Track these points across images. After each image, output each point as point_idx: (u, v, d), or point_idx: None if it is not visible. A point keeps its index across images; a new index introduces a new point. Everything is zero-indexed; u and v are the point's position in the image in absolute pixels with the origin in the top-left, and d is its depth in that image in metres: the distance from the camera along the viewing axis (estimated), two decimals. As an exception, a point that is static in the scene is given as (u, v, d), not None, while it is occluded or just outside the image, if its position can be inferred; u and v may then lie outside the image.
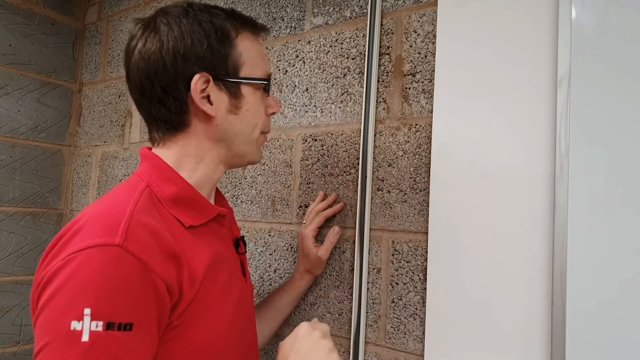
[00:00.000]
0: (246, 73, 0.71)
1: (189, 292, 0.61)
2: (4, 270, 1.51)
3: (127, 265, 0.55)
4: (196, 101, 0.67)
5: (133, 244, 0.56)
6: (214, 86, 0.68)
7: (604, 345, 0.70)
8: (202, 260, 0.65)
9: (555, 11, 0.77)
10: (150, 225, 0.60)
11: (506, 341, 0.77)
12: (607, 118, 0.72)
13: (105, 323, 0.52)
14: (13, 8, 1.54)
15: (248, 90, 0.71)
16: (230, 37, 0.70)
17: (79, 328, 0.51)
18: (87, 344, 0.51)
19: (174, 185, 0.68)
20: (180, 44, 0.67)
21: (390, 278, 0.94)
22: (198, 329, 0.63)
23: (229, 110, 0.70)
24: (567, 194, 0.73)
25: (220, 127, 0.71)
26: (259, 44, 0.75)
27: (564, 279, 0.72)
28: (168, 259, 0.59)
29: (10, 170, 1.53)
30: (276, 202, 1.12)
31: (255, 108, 0.73)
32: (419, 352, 0.88)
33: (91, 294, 0.53)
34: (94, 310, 0.52)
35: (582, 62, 0.74)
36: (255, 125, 0.73)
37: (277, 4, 1.18)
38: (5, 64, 1.52)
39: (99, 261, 0.54)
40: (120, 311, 0.54)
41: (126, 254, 0.55)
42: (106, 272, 0.54)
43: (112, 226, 0.57)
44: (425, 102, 0.93)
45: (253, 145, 0.75)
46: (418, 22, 0.95)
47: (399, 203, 0.94)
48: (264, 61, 0.75)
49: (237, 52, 0.70)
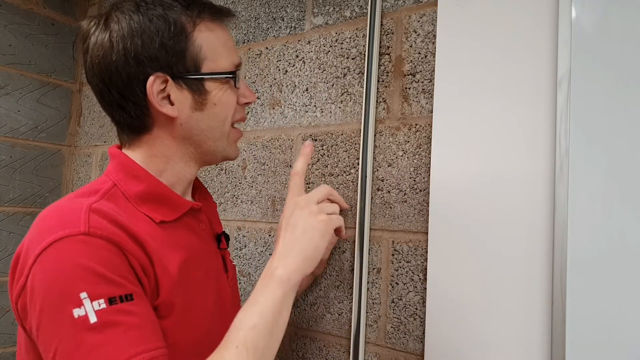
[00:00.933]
0: (209, 67, 0.66)
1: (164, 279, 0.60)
2: (4, 270, 1.51)
3: (101, 246, 0.55)
4: (154, 104, 0.64)
5: (99, 229, 0.55)
6: (173, 85, 0.65)
7: (604, 345, 0.70)
8: (174, 258, 0.63)
9: (555, 11, 0.77)
10: (109, 214, 0.58)
11: (506, 341, 0.77)
12: (607, 118, 0.72)
13: (107, 299, 0.52)
14: (13, 8, 1.54)
15: (213, 85, 0.67)
16: (186, 31, 0.65)
17: (83, 313, 0.51)
18: (97, 323, 0.51)
19: (142, 183, 0.66)
20: (130, 45, 0.63)
21: (390, 278, 0.94)
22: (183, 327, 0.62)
23: (194, 107, 0.67)
24: (567, 194, 0.73)
25: (185, 125, 0.67)
26: (223, 32, 0.69)
27: (564, 279, 0.72)
28: (134, 242, 0.58)
29: (10, 170, 1.53)
30: (276, 202, 1.12)
31: (224, 102, 0.69)
32: (419, 352, 0.88)
33: (80, 279, 0.52)
34: (90, 291, 0.52)
35: (582, 62, 0.74)
36: (224, 119, 0.69)
37: (277, 4, 1.18)
38: (5, 64, 1.52)
39: (72, 249, 0.54)
40: (115, 286, 0.54)
41: (95, 239, 0.55)
42: (85, 256, 0.54)
43: (71, 220, 0.56)
44: (425, 102, 0.93)
45: (224, 141, 0.71)
46: (418, 22, 0.95)
47: (399, 203, 0.94)
48: (230, 51, 0.69)
49: (195, 47, 0.65)
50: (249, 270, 1.15)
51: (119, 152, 0.69)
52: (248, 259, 1.16)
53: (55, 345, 0.51)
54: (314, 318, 1.03)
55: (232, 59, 0.69)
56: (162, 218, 0.65)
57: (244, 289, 1.16)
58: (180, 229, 0.68)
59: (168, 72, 0.64)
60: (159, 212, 0.66)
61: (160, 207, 0.66)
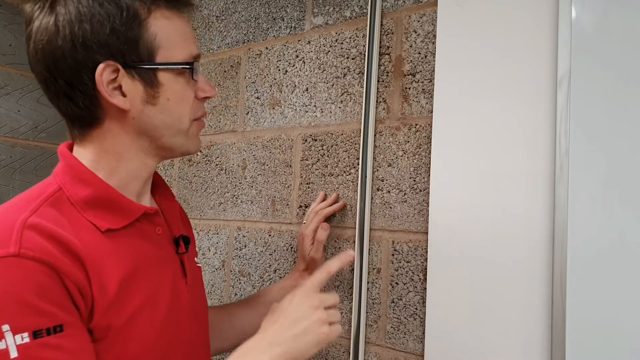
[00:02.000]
0: (163, 57, 0.61)
1: (100, 300, 0.56)
2: (4, 270, 1.51)
3: (32, 270, 0.51)
4: (103, 94, 0.59)
5: (31, 250, 0.52)
6: (125, 75, 0.60)
7: (604, 345, 0.70)
8: (118, 268, 0.59)
9: (555, 11, 0.77)
10: (47, 229, 0.54)
11: (506, 341, 0.77)
12: (607, 118, 0.72)
13: (31, 333, 0.49)
14: (13, 8, 1.54)
15: (167, 76, 0.62)
16: (139, 17, 0.60)
17: (4, 347, 0.48)
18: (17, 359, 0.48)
19: (89, 187, 0.61)
20: (78, 30, 0.57)
21: (390, 278, 0.94)
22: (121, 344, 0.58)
23: (145, 100, 0.62)
24: (567, 194, 0.73)
25: (138, 119, 0.62)
26: (181, 21, 0.64)
27: (564, 279, 0.72)
28: (71, 260, 0.54)
29: (10, 170, 1.53)
30: (276, 202, 1.12)
31: (179, 96, 0.64)
32: (419, 352, 0.88)
33: (3, 310, 0.49)
34: (13, 324, 0.49)
35: (582, 62, 0.74)
36: (180, 116, 0.64)
37: (277, 4, 1.18)
38: (5, 64, 1.52)
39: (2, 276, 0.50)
40: (42, 317, 0.50)
41: (27, 261, 0.51)
42: (11, 283, 0.50)
43: (3, 238, 0.52)
44: (425, 102, 0.93)
45: (182, 137, 0.66)
46: (418, 22, 0.95)
47: (399, 203, 0.94)
48: (187, 41, 0.64)
49: (150, 34, 0.60)
50: (249, 270, 1.16)
51: (66, 152, 0.65)
52: (248, 259, 1.16)
53: None
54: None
55: (190, 50, 0.64)
56: (109, 226, 0.60)
57: (243, 288, 1.16)
58: (130, 237, 0.63)
59: (120, 61, 0.59)
60: (106, 220, 0.61)
61: (108, 213, 0.61)
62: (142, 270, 0.62)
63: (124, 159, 0.64)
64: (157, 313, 0.63)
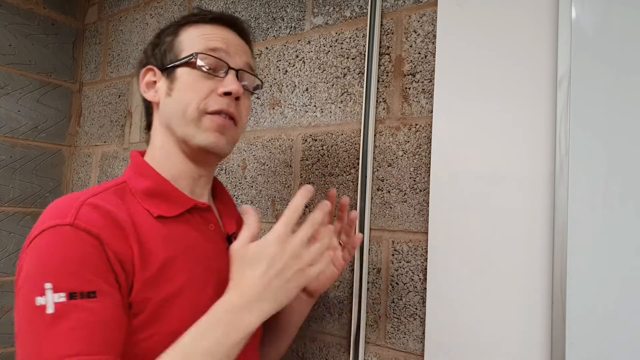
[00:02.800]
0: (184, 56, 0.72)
1: (142, 270, 0.61)
2: (4, 270, 1.51)
3: (80, 240, 0.58)
4: (142, 91, 0.74)
5: (84, 222, 0.59)
6: (161, 76, 0.73)
7: (604, 345, 0.70)
8: (162, 252, 0.64)
9: (555, 11, 0.77)
10: (103, 207, 0.62)
11: (506, 341, 0.77)
12: (607, 118, 0.72)
13: (68, 294, 0.55)
14: (13, 8, 1.54)
15: (182, 71, 0.71)
16: (177, 30, 0.74)
17: (43, 302, 0.54)
18: (53, 315, 0.54)
19: (148, 179, 0.70)
20: (142, 54, 0.78)
21: (390, 278, 0.94)
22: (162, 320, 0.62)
23: (166, 93, 0.72)
24: (567, 194, 0.73)
25: (162, 111, 0.73)
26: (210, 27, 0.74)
27: (564, 279, 0.72)
28: (120, 236, 0.61)
29: (10, 170, 1.53)
30: (276, 202, 1.12)
31: (188, 86, 0.70)
32: (419, 352, 0.88)
33: (49, 270, 0.56)
34: (55, 284, 0.55)
35: (582, 62, 0.74)
36: (187, 104, 0.70)
37: (277, 4, 1.18)
38: (5, 64, 1.52)
39: (53, 239, 0.58)
40: (80, 281, 0.56)
41: (78, 231, 0.58)
42: (60, 248, 0.57)
43: (64, 210, 0.60)
44: (425, 102, 0.93)
45: (192, 127, 0.70)
46: (418, 22, 0.95)
47: (399, 203, 0.94)
48: (207, 40, 0.72)
49: (178, 41, 0.73)
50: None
51: (135, 154, 0.75)
52: (248, 259, 1.16)
53: (17, 325, 0.56)
54: (314, 318, 1.03)
55: (206, 44, 0.72)
56: (161, 213, 0.67)
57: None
58: (181, 225, 0.69)
59: (158, 65, 0.74)
60: (160, 208, 0.68)
61: (162, 202, 0.69)
62: (189, 256, 0.67)
63: (167, 153, 0.73)
64: (202, 296, 0.66)
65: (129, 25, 1.57)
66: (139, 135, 1.47)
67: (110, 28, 1.64)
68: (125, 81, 1.55)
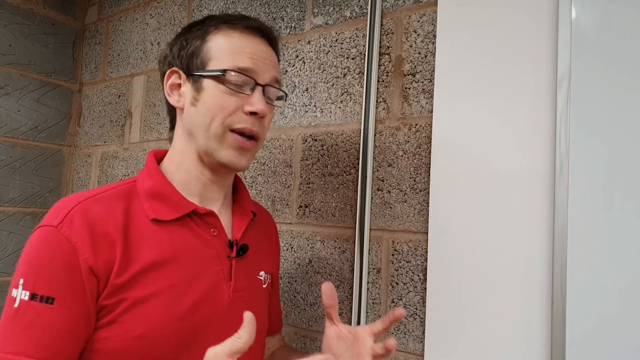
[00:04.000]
0: (212, 66, 0.71)
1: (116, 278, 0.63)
2: (4, 270, 1.51)
3: (56, 245, 0.61)
4: (166, 94, 0.74)
5: (67, 227, 0.62)
6: (186, 80, 0.73)
7: (604, 345, 0.70)
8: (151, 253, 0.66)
9: (555, 11, 0.77)
10: (93, 212, 0.64)
11: (506, 341, 0.77)
12: (607, 118, 0.72)
13: (30, 293, 0.59)
14: (13, 8, 1.54)
15: (209, 82, 0.70)
16: (206, 34, 0.72)
17: (14, 295, 0.60)
18: (15, 310, 0.59)
19: (151, 181, 0.72)
20: (167, 49, 0.76)
21: (390, 278, 0.94)
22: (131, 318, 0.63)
23: (191, 102, 0.72)
24: (567, 194, 0.73)
25: (186, 119, 0.73)
26: (239, 38, 0.72)
27: (564, 279, 0.72)
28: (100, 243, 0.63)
29: (10, 170, 1.53)
30: (276, 202, 1.12)
31: (214, 100, 0.70)
32: (419, 352, 0.88)
33: (25, 267, 0.61)
34: (25, 281, 0.60)
35: (582, 62, 0.74)
36: (212, 118, 0.70)
37: (277, 4, 1.18)
38: (5, 64, 1.52)
39: (37, 239, 0.63)
40: (44, 285, 0.60)
41: (58, 234, 0.61)
42: (39, 249, 0.62)
43: (59, 210, 0.64)
44: (425, 102, 0.93)
45: (214, 142, 0.70)
46: (418, 22, 0.95)
47: (399, 203, 0.94)
48: (237, 54, 0.71)
49: (206, 47, 0.72)
50: (249, 270, 1.15)
51: (150, 154, 0.77)
52: (248, 259, 1.16)
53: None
54: (314, 318, 1.03)
55: (236, 62, 0.70)
56: (156, 216, 0.68)
57: (244, 289, 1.16)
58: (179, 229, 0.70)
59: (184, 68, 0.73)
60: (157, 211, 0.69)
61: (162, 205, 0.70)
62: (178, 261, 0.68)
63: (184, 157, 0.74)
64: (180, 303, 0.67)
65: (129, 25, 1.57)
66: (139, 135, 1.47)
67: (110, 28, 1.64)
68: (125, 81, 1.55)
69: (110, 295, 0.63)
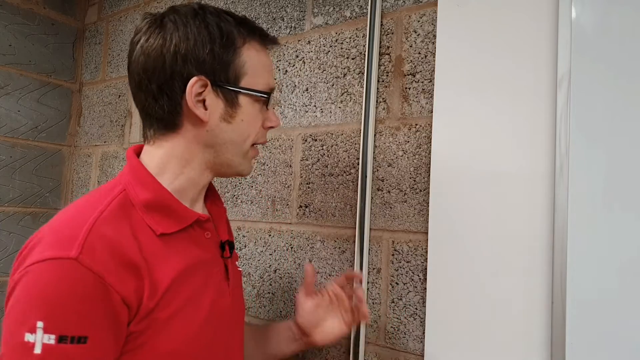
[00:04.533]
0: (247, 83, 0.69)
1: (148, 302, 0.60)
2: (4, 270, 1.51)
3: (81, 279, 0.55)
4: (189, 104, 0.66)
5: (89, 257, 0.56)
6: (211, 91, 0.67)
7: (604, 345, 0.70)
8: (169, 270, 0.64)
9: (555, 11, 0.77)
10: (110, 237, 0.59)
11: (506, 341, 0.77)
12: (607, 118, 0.72)
13: (58, 336, 0.53)
14: (13, 8, 1.54)
15: (246, 100, 0.69)
16: (235, 45, 0.68)
17: (32, 340, 0.52)
18: (39, 356, 0.52)
19: (149, 192, 0.67)
20: (182, 44, 0.66)
21: (390, 278, 0.94)
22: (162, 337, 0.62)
23: (223, 117, 0.68)
24: (567, 194, 0.73)
25: (211, 132, 0.69)
26: (266, 55, 0.73)
27: (564, 278, 0.72)
28: (126, 271, 0.59)
29: (10, 170, 1.53)
30: (276, 202, 1.12)
31: (251, 119, 0.70)
32: (419, 352, 0.88)
33: (44, 308, 0.54)
34: (47, 323, 0.53)
35: (582, 62, 0.74)
36: (247, 137, 0.71)
37: (277, 4, 1.18)
38: (5, 64, 1.52)
39: (54, 275, 0.55)
40: (73, 325, 0.54)
41: (81, 267, 0.55)
42: (59, 286, 0.54)
43: (70, 238, 0.57)
44: (425, 102, 0.93)
45: (241, 157, 0.72)
46: (418, 22, 0.95)
47: (399, 203, 0.94)
48: (268, 74, 0.73)
49: (240, 61, 0.68)
50: (249, 270, 1.16)
51: (133, 156, 0.71)
52: (248, 259, 1.16)
53: (2, 352, 0.53)
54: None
55: (269, 82, 0.72)
56: (163, 230, 0.65)
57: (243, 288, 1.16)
58: (181, 240, 0.68)
59: (210, 78, 0.66)
60: (161, 224, 0.66)
61: (164, 218, 0.66)
62: (190, 271, 0.67)
63: (189, 166, 0.70)
64: (200, 311, 0.67)
65: (129, 25, 1.57)
66: (139, 135, 1.47)
67: (110, 28, 1.64)
68: (125, 81, 1.55)
69: (141, 320, 0.60)
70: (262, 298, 1.12)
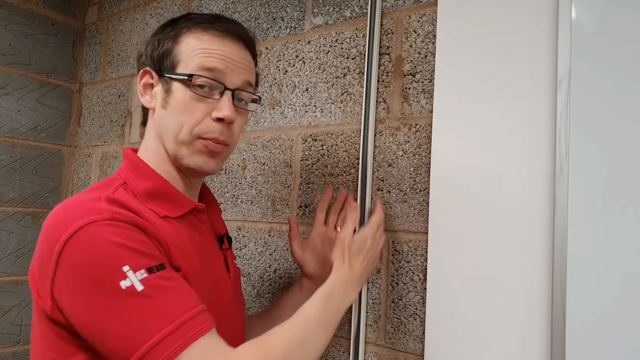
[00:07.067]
0: (182, 69, 0.69)
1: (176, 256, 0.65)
2: (4, 270, 1.51)
3: (127, 228, 0.60)
4: (139, 93, 0.73)
5: (122, 215, 0.61)
6: (158, 81, 0.71)
7: (604, 345, 0.70)
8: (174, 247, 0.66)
9: (555, 11, 0.77)
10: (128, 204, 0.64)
11: (506, 341, 0.77)
12: (607, 118, 0.72)
13: (146, 269, 0.58)
14: (13, 8, 1.54)
15: (178, 86, 0.69)
16: (178, 35, 0.71)
17: (129, 284, 0.56)
18: (144, 291, 0.56)
19: (150, 181, 0.70)
20: (142, 48, 0.75)
21: (390, 278, 0.94)
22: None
23: (162, 105, 0.71)
24: (567, 194, 0.73)
25: (157, 121, 0.72)
26: (210, 40, 0.70)
27: (564, 279, 0.72)
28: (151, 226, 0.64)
29: (10, 170, 1.53)
30: (276, 202, 1.12)
31: (182, 106, 0.69)
32: (419, 352, 0.88)
33: (118, 255, 0.57)
34: (131, 264, 0.57)
35: (582, 62, 0.74)
36: (181, 125, 0.69)
37: (277, 4, 1.18)
38: (5, 64, 1.52)
39: (102, 231, 0.58)
40: (149, 258, 0.59)
41: (120, 222, 0.60)
42: (116, 235, 0.58)
43: (92, 209, 0.60)
44: (425, 102, 0.93)
45: (184, 148, 0.70)
46: (418, 22, 0.95)
47: (399, 203, 0.94)
48: (205, 56, 0.69)
49: (177, 49, 0.70)
50: (249, 270, 1.16)
51: (130, 152, 0.74)
52: (248, 259, 1.16)
53: (106, 318, 0.56)
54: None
55: (204, 62, 0.69)
56: (167, 213, 0.68)
57: (243, 288, 1.16)
58: (184, 226, 0.70)
59: (156, 68, 0.72)
60: (164, 208, 0.69)
61: (166, 203, 0.69)
62: (194, 253, 0.69)
63: (160, 160, 0.73)
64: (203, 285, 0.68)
65: (129, 25, 1.57)
66: (139, 135, 1.47)
67: (110, 28, 1.64)
68: (125, 81, 1.55)
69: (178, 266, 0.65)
70: (262, 298, 1.12)
